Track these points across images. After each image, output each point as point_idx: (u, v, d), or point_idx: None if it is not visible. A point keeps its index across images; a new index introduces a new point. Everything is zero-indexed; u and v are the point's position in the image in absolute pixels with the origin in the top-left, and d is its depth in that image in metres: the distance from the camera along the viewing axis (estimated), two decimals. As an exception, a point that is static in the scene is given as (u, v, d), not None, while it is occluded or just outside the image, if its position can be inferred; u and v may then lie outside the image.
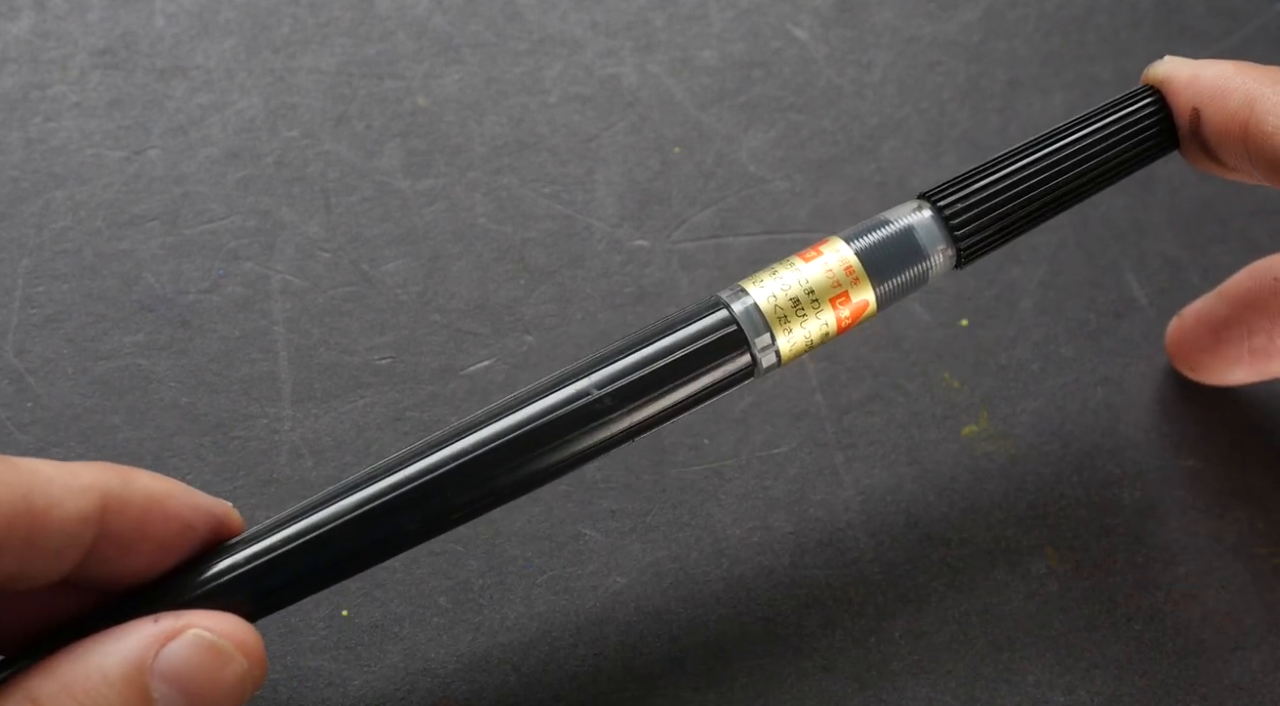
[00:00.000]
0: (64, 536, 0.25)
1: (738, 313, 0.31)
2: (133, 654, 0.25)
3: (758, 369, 0.31)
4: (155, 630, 0.26)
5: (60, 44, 0.42)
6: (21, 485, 0.25)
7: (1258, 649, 0.35)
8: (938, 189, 0.33)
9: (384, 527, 0.29)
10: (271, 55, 0.42)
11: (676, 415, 0.31)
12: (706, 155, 0.42)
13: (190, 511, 0.28)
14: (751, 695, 0.34)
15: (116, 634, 0.26)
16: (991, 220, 0.32)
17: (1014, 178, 0.33)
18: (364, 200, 0.40)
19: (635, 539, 0.36)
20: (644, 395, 0.30)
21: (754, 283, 0.32)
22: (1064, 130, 0.33)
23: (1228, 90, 0.32)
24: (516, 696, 0.34)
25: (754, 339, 0.31)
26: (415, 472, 0.29)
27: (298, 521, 0.29)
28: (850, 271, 0.32)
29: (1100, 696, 0.35)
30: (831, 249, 0.32)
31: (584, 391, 0.30)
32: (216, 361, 0.38)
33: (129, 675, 0.25)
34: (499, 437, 0.29)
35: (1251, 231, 0.42)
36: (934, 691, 0.34)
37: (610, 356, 0.30)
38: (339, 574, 0.29)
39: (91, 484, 0.26)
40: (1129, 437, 0.38)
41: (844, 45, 0.44)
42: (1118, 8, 0.45)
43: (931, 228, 0.32)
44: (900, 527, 0.37)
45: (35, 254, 0.39)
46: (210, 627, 0.26)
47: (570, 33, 0.43)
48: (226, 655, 0.26)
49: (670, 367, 0.30)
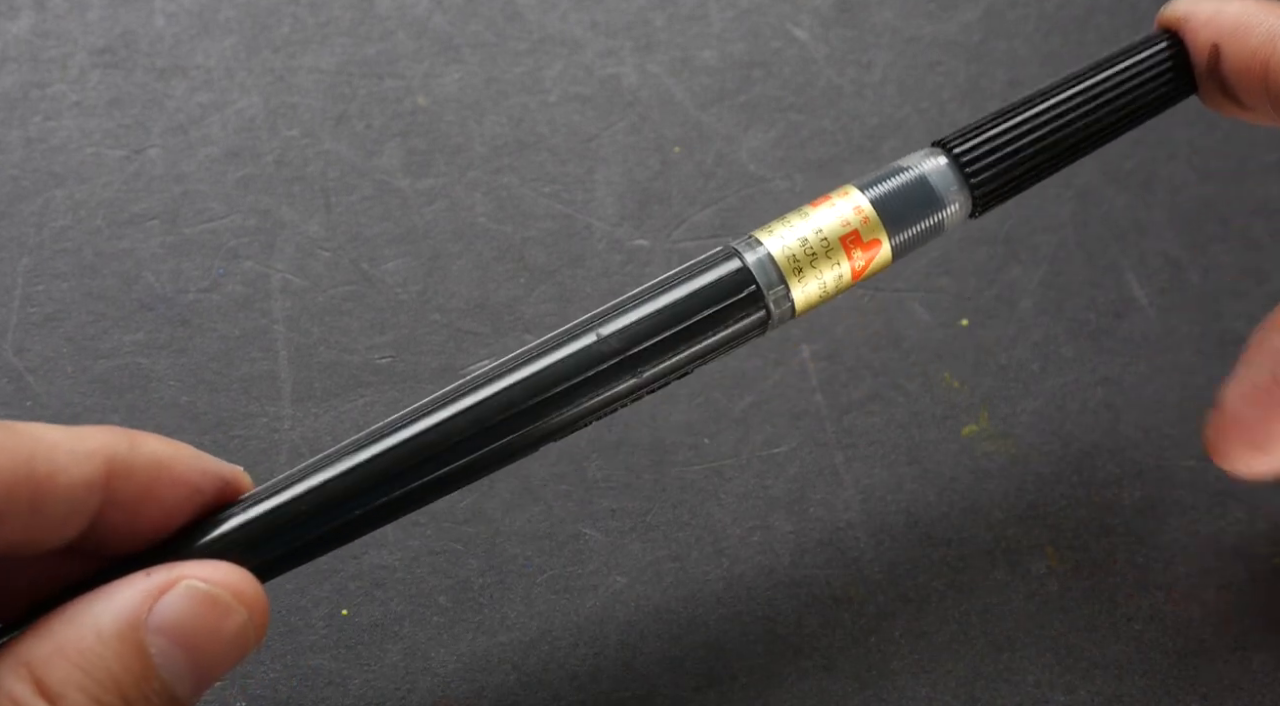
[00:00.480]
0: (69, 502, 0.25)
1: (750, 262, 0.30)
2: (126, 609, 0.24)
3: (772, 319, 0.31)
4: (148, 584, 0.25)
5: (60, 43, 0.42)
6: (24, 451, 0.24)
7: (1258, 649, 0.35)
8: (953, 135, 0.32)
9: (394, 485, 0.28)
10: (271, 55, 0.42)
11: (690, 366, 0.30)
12: (706, 155, 0.42)
13: (198, 475, 0.27)
14: (751, 695, 0.34)
15: (109, 591, 0.25)
16: (1008, 166, 0.32)
17: (1030, 124, 0.32)
18: (364, 199, 0.40)
19: (635, 539, 0.36)
20: (656, 349, 0.29)
21: (766, 231, 0.31)
22: (1079, 76, 0.33)
23: (1250, 26, 0.31)
24: (516, 696, 0.34)
25: (768, 289, 0.30)
26: (425, 428, 0.28)
27: (306, 479, 0.28)
28: (865, 220, 0.31)
29: (1100, 696, 0.35)
30: (845, 197, 0.31)
31: (593, 341, 0.29)
32: (216, 360, 0.38)
33: (123, 631, 0.24)
34: (508, 390, 0.28)
35: (1251, 231, 0.42)
36: (934, 691, 0.34)
37: (621, 306, 0.30)
38: (346, 535, 0.28)
39: (97, 448, 0.25)
40: (1129, 437, 0.38)
41: (844, 45, 0.44)
42: (1118, 8, 0.45)
43: (947, 174, 0.32)
44: (900, 527, 0.37)
45: (35, 253, 0.39)
46: (206, 577, 0.25)
47: (570, 33, 0.43)
48: (225, 605, 0.25)
49: (683, 319, 0.29)
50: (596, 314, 0.30)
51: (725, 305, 0.30)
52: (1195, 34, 0.32)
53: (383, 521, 0.29)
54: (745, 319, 0.30)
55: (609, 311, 0.30)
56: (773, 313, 0.30)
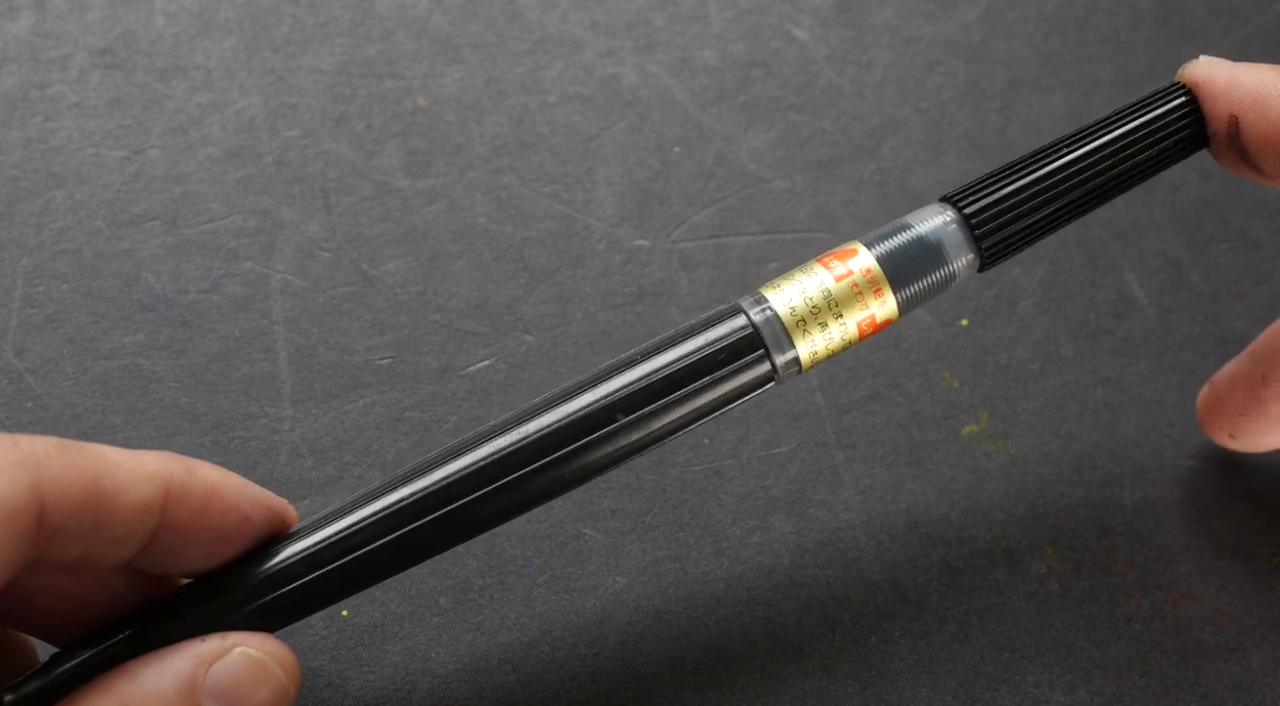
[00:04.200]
0: (129, 522, 0.26)
1: (758, 322, 0.30)
2: (185, 672, 0.27)
3: (778, 377, 0.31)
4: (204, 649, 0.27)
5: (60, 44, 0.42)
6: (91, 469, 0.25)
7: (1258, 649, 0.35)
8: (961, 192, 0.32)
9: (413, 547, 0.29)
10: (271, 55, 0.42)
11: (695, 423, 0.31)
12: (706, 155, 0.42)
13: (249, 504, 0.29)
14: (751, 695, 0.34)
15: (168, 653, 0.27)
16: (1017, 225, 0.32)
17: (1041, 182, 0.32)
18: (364, 200, 0.40)
19: (635, 539, 0.36)
20: (664, 409, 0.30)
21: (773, 289, 0.31)
22: (1093, 130, 0.32)
23: (1268, 98, 0.30)
24: (516, 696, 0.34)
25: (774, 349, 0.30)
26: (442, 479, 0.29)
27: (333, 532, 0.29)
28: (872, 280, 0.31)
29: (1100, 696, 0.35)
30: (853, 256, 0.31)
31: (608, 415, 0.30)
32: (216, 361, 0.38)
33: (182, 692, 0.26)
34: (522, 455, 0.29)
35: (1251, 231, 0.42)
36: (934, 691, 0.34)
37: (631, 363, 0.30)
38: (371, 581, 0.30)
39: (156, 471, 0.27)
40: (1129, 437, 0.38)
41: (844, 45, 0.44)
42: (1118, 8, 0.45)
43: (955, 233, 0.31)
44: (900, 527, 0.37)
45: (35, 254, 0.39)
46: (255, 646, 0.28)
47: (570, 33, 0.43)
48: (269, 671, 0.28)
49: (691, 380, 0.30)
50: (609, 368, 0.30)
51: (733, 365, 0.30)
52: (1214, 102, 0.32)
53: (406, 567, 0.30)
54: (751, 376, 0.30)
55: (619, 368, 0.30)
56: (779, 371, 0.31)
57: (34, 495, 0.24)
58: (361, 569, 0.29)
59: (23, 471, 0.24)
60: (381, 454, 0.36)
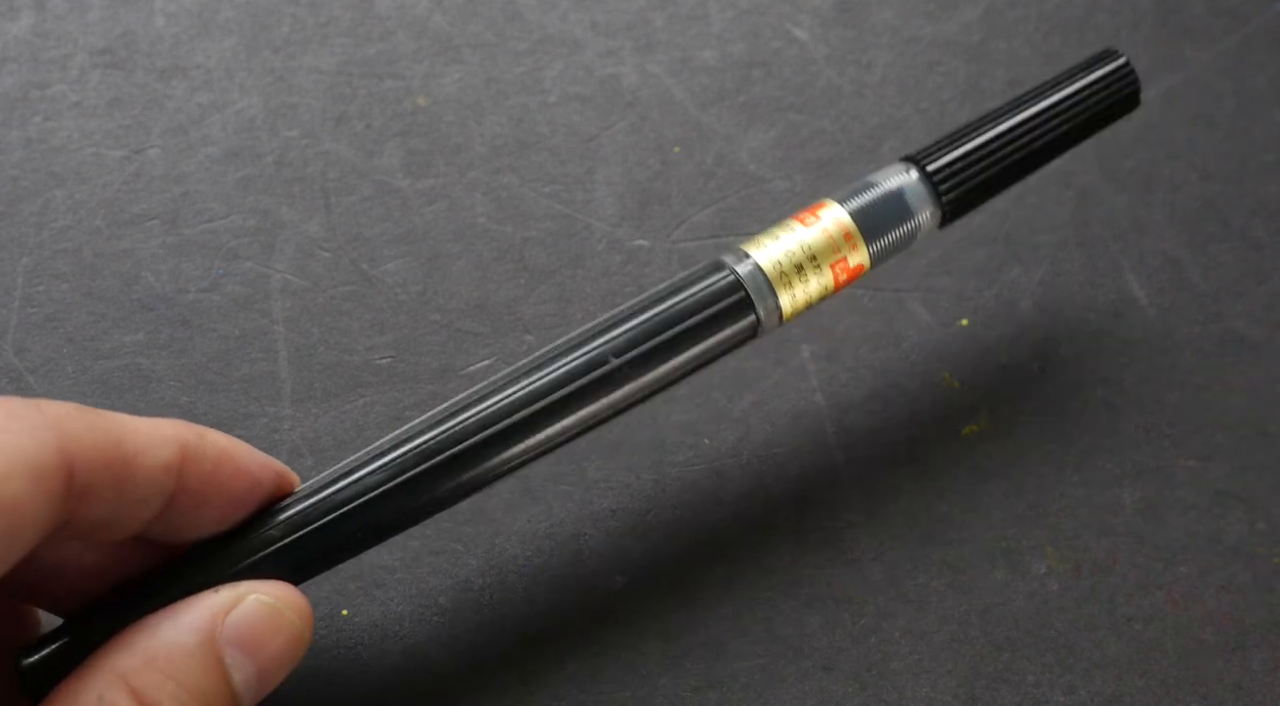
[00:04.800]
0: (150, 483, 0.27)
1: (742, 274, 0.33)
2: (203, 623, 0.27)
3: (761, 328, 0.33)
4: (219, 600, 0.27)
5: (60, 44, 0.42)
6: (113, 431, 0.26)
7: (1258, 649, 0.35)
8: (923, 152, 0.35)
9: (416, 494, 0.30)
10: (271, 55, 0.42)
11: (684, 376, 0.33)
12: (706, 155, 0.42)
13: (258, 468, 0.29)
14: (751, 695, 0.34)
15: (183, 606, 0.27)
16: (975, 181, 0.35)
17: (995, 141, 0.35)
18: (364, 200, 0.40)
19: (635, 539, 0.36)
20: (655, 352, 0.32)
21: (755, 245, 0.33)
22: (1040, 92, 0.36)
23: None
24: (516, 696, 0.34)
25: (758, 300, 0.33)
26: (447, 428, 0.30)
27: (338, 486, 0.30)
28: (847, 234, 0.34)
29: (1100, 696, 0.35)
30: (827, 211, 0.34)
31: (602, 358, 0.31)
32: (216, 361, 0.38)
33: (204, 643, 0.27)
34: (523, 403, 0.31)
35: (1251, 231, 0.42)
36: (934, 691, 0.34)
37: (622, 319, 0.32)
38: (375, 540, 0.30)
39: (172, 435, 0.27)
40: (1129, 437, 0.38)
41: (844, 45, 0.44)
42: (1118, 8, 0.45)
43: (919, 189, 0.34)
44: (900, 527, 0.37)
45: (35, 253, 0.39)
46: (268, 592, 0.28)
47: (570, 33, 0.43)
48: (283, 616, 0.28)
49: (680, 330, 0.32)
50: (601, 323, 0.32)
51: (720, 316, 0.32)
52: None
53: (411, 521, 0.31)
54: (736, 327, 0.33)
55: (610, 321, 0.32)
56: (762, 322, 0.33)
57: (63, 456, 0.25)
58: (370, 518, 0.30)
59: (50, 433, 0.25)
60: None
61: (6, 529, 0.24)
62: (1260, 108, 0.44)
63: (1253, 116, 0.43)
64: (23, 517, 0.24)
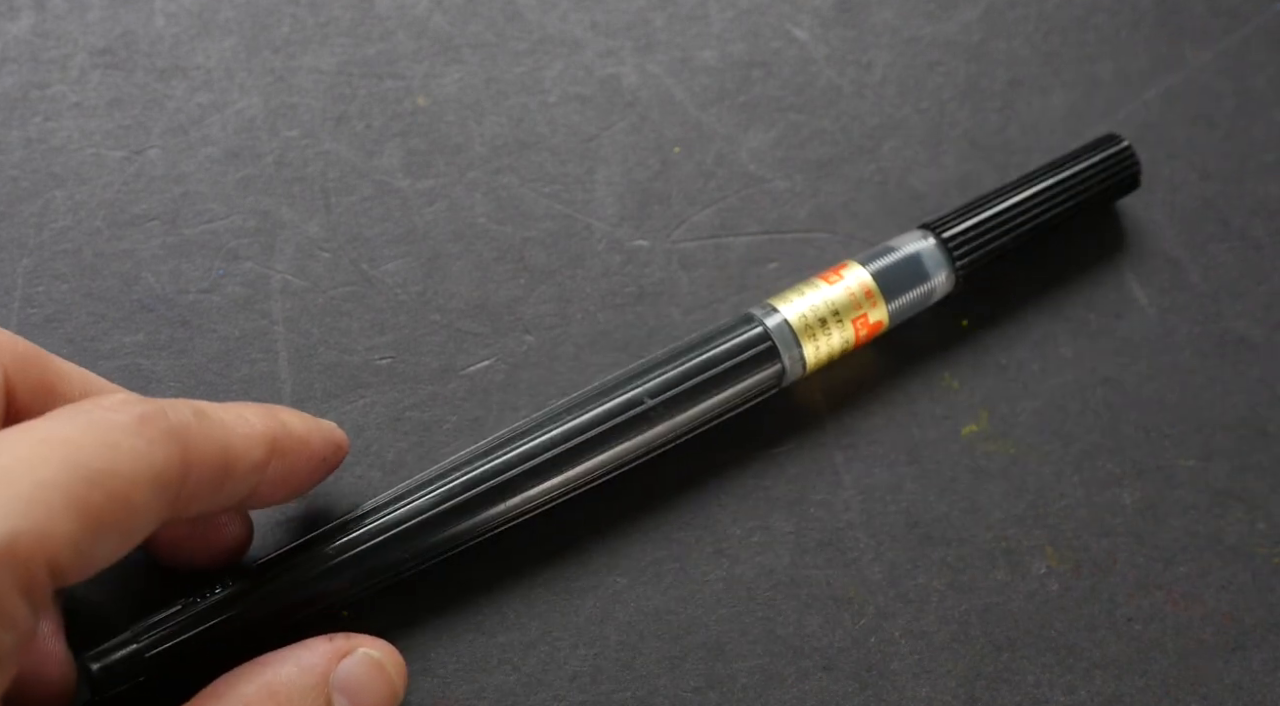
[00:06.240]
0: (243, 482, 0.29)
1: (770, 326, 0.36)
2: (319, 666, 0.30)
3: (785, 376, 0.36)
4: (333, 647, 0.30)
5: (60, 44, 0.42)
6: (221, 439, 0.28)
7: (1258, 649, 0.35)
8: (939, 220, 0.38)
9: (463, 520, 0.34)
10: (271, 55, 0.42)
11: (712, 420, 0.36)
12: (706, 155, 0.42)
13: (324, 446, 0.32)
14: (751, 695, 0.34)
15: (300, 648, 0.30)
16: (986, 248, 0.38)
17: (1005, 213, 0.38)
18: (364, 200, 0.40)
19: (635, 539, 0.36)
20: (686, 400, 0.35)
21: (783, 300, 0.37)
22: (1047, 171, 0.39)
23: None
24: (516, 696, 0.34)
25: (784, 349, 0.36)
26: (484, 474, 0.34)
27: (387, 512, 0.33)
28: (868, 292, 0.37)
29: (1100, 696, 0.35)
30: (850, 271, 0.37)
31: (638, 399, 0.35)
32: (216, 361, 0.38)
33: (318, 685, 0.30)
34: (559, 441, 0.34)
35: (1251, 231, 0.42)
36: (934, 691, 0.34)
37: (656, 365, 0.35)
38: (417, 565, 0.34)
39: (263, 432, 0.30)
40: (1129, 437, 0.38)
41: (844, 45, 0.44)
42: (1118, 8, 0.45)
43: (935, 254, 0.38)
44: (900, 527, 0.37)
45: (35, 254, 0.39)
46: (376, 648, 0.31)
47: (570, 33, 0.43)
48: (386, 673, 0.31)
49: (709, 376, 0.35)
50: (636, 368, 0.36)
51: (746, 359, 0.36)
52: None
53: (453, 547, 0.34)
54: (763, 373, 0.36)
55: (645, 366, 0.36)
56: (786, 367, 0.36)
57: (185, 466, 0.27)
58: (418, 543, 0.33)
59: (176, 444, 0.26)
60: (381, 454, 0.36)
61: (127, 531, 0.26)
62: (1260, 108, 0.44)
63: (1253, 116, 0.44)
64: (142, 521, 0.26)
